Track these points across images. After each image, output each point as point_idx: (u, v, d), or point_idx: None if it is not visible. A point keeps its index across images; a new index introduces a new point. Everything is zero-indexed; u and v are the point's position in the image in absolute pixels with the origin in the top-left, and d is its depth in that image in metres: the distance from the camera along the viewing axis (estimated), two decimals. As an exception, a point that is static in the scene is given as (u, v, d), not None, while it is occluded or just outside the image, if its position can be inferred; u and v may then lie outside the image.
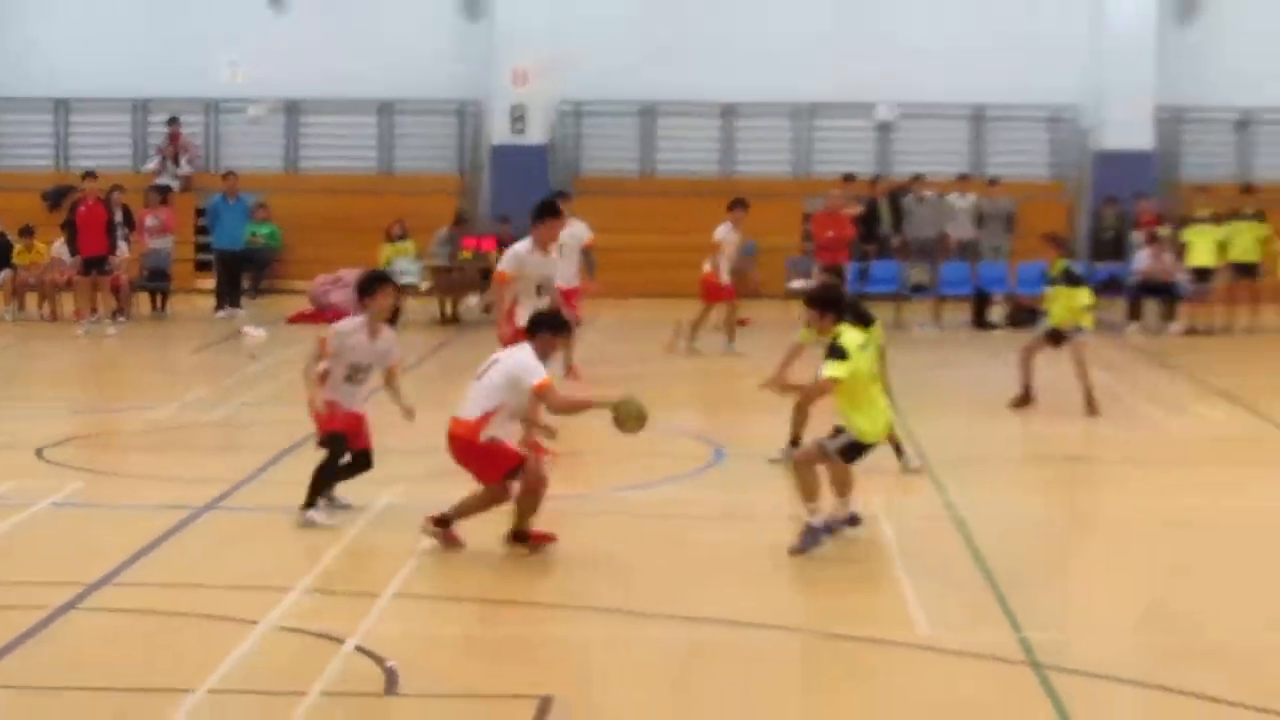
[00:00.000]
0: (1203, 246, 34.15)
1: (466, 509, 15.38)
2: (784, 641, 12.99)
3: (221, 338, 31.72)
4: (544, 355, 15.39)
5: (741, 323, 32.95)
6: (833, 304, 16.17)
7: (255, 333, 31.19)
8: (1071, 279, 23.85)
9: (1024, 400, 23.50)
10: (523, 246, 20.46)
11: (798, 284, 35.03)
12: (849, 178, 37.46)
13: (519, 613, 13.70)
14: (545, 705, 11.24)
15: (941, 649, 12.67)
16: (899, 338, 32.69)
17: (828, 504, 15.53)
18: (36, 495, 17.51)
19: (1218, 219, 34.41)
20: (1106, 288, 35.16)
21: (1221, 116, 42.35)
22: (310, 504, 16.29)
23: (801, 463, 15.82)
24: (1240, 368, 29.64)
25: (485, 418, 15.13)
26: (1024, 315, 35.01)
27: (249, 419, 23.02)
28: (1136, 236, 35.76)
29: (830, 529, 15.49)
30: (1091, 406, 23.13)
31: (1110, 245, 36.64)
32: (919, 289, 35.48)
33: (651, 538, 16.38)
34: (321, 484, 16.38)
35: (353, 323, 16.66)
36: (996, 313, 35.07)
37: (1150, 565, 15.73)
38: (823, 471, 15.63)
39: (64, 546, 15.80)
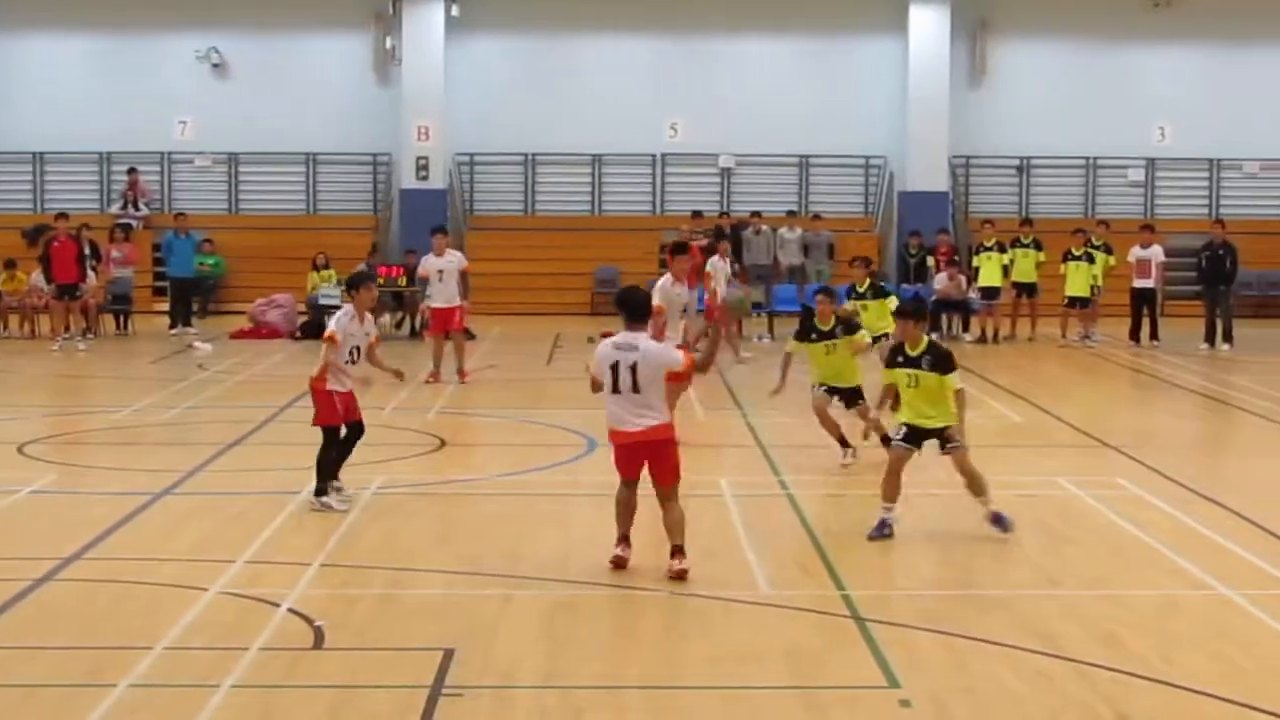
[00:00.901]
0: (990, 270, 34.29)
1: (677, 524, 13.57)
2: (645, 600, 12.90)
3: (174, 351, 31.39)
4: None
5: (606, 335, 32.92)
6: (923, 315, 16.13)
7: (203, 347, 30.99)
8: (879, 291, 23.79)
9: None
10: (665, 280, 20.49)
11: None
12: (697, 214, 37.39)
13: (426, 578, 13.57)
14: (448, 656, 11.20)
15: (778, 605, 12.64)
16: (744, 347, 32.78)
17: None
18: (17, 484, 17.30)
19: (1001, 247, 34.56)
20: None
21: (1003, 163, 42.64)
22: (322, 491, 16.14)
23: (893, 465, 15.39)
24: (1021, 369, 29.80)
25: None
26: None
27: (197, 419, 22.75)
28: (934, 262, 35.89)
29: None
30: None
31: (914, 269, 36.77)
32: (757, 307, 35.47)
33: (535, 514, 16.26)
34: (326, 472, 16.23)
35: (346, 312, 16.61)
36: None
37: (950, 532, 15.75)
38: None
39: (42, 527, 15.60)
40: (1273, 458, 20.07)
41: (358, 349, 16.62)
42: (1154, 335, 33.16)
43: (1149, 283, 32.68)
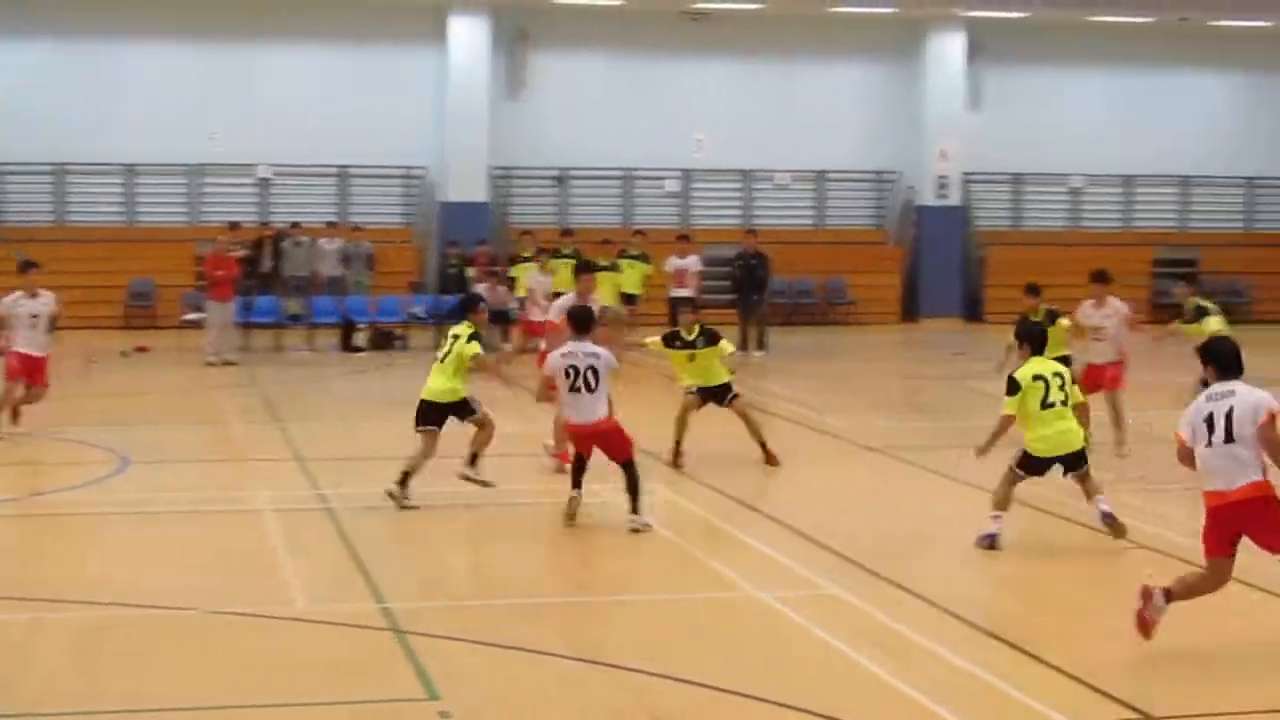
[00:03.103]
0: (526, 279, 34.55)
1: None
2: (180, 620, 12.65)
3: None
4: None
5: (141, 349, 32.47)
6: (1033, 338, 16.09)
7: None
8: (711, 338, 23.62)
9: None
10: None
11: (192, 316, 34.43)
12: (234, 225, 36.87)
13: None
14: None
15: (317, 620, 12.53)
16: (279, 360, 32.50)
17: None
18: None
19: (540, 257, 34.87)
20: (451, 316, 35.38)
21: (543, 173, 43.07)
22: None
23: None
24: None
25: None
26: (384, 339, 35.08)
27: None
28: (474, 272, 36.01)
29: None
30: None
31: (454, 280, 36.80)
32: (295, 318, 35.15)
33: (66, 535, 15.82)
34: None
35: None
36: (361, 338, 34.98)
37: (490, 542, 15.85)
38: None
39: None
40: (807, 463, 20.62)
41: None
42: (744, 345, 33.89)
43: (687, 291, 33.34)
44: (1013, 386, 15.60)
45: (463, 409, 17.73)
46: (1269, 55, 45.82)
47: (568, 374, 16.09)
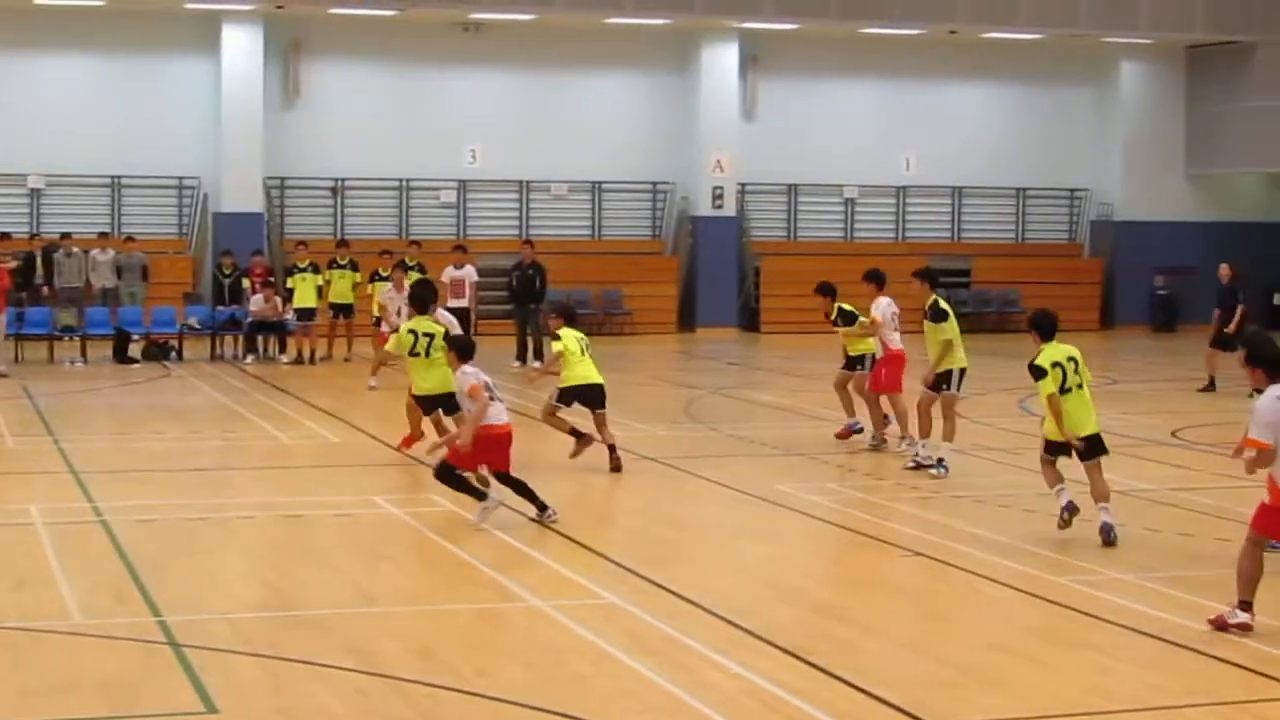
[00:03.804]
0: (305, 290, 34.36)
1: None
2: (-47, 636, 12.45)
3: None
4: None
5: None
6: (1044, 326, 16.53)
7: None
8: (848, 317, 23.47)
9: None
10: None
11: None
12: (5, 236, 36.27)
13: None
14: None
15: (92, 634, 12.38)
16: (52, 372, 32.00)
17: None
18: None
19: (316, 268, 34.68)
20: (227, 326, 35.13)
21: (318, 184, 42.82)
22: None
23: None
24: (338, 390, 29.92)
25: None
26: (159, 351, 34.65)
27: None
28: (250, 283, 35.70)
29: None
30: None
31: (229, 290, 36.44)
32: (68, 330, 34.62)
33: None
34: None
35: None
36: (136, 349, 34.54)
37: (264, 552, 15.76)
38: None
39: None
40: (586, 473, 20.69)
41: None
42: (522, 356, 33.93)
43: (463, 302, 33.26)
44: (1039, 372, 16.08)
45: (452, 401, 18.21)
46: (1037, 66, 46.84)
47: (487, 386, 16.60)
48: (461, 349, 16.98)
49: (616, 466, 20.41)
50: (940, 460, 20.26)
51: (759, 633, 12.61)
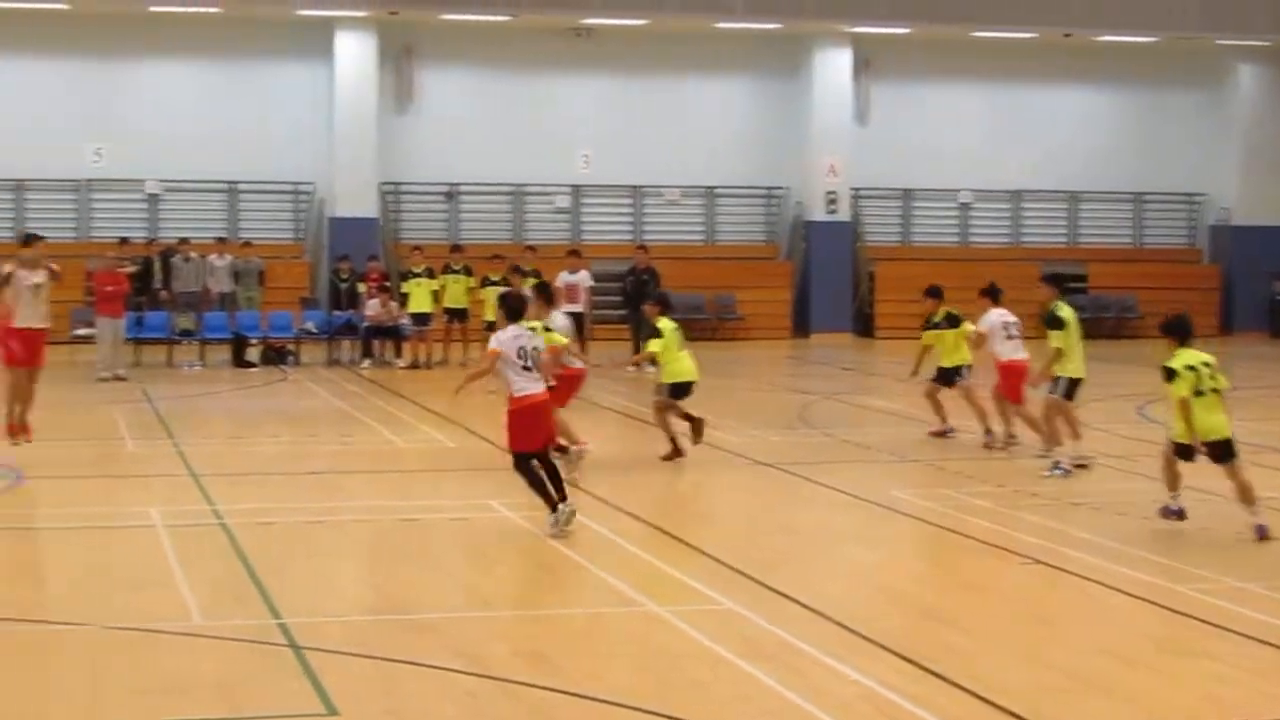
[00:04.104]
0: (420, 295, 34.60)
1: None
2: (68, 636, 12.59)
3: None
4: None
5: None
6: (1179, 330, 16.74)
7: None
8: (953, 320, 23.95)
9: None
10: None
11: (82, 331, 34.13)
12: (124, 240, 36.73)
13: None
14: None
15: (211, 635, 12.50)
16: (169, 375, 32.34)
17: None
18: None
19: (431, 273, 34.89)
20: (343, 331, 35.39)
21: (432, 189, 43.07)
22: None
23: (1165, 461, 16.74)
24: (452, 394, 29.99)
25: None
26: (276, 355, 34.98)
27: None
28: (366, 288, 35.95)
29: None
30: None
31: (346, 296, 36.72)
32: (186, 334, 35.00)
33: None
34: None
35: None
36: (253, 353, 34.88)
37: (379, 555, 15.87)
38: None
39: None
40: (700, 477, 20.75)
41: None
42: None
43: (577, 307, 33.36)
44: (1170, 374, 16.16)
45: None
46: (1151, 69, 46.45)
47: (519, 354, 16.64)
48: (508, 309, 16.98)
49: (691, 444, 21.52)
50: (1057, 464, 20.28)
51: (874, 638, 12.57)
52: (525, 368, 16.52)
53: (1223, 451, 16.21)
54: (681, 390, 21.40)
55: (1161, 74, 46.66)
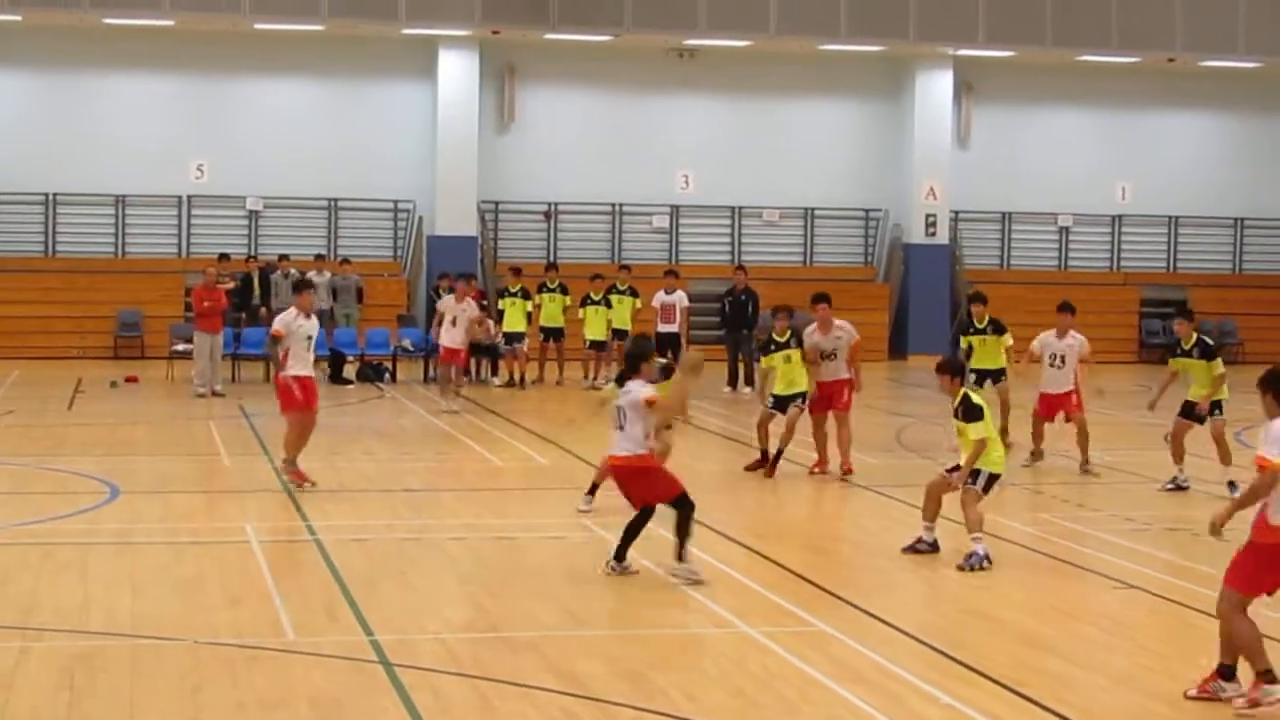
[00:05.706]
0: (515, 314, 34.62)
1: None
2: (168, 650, 12.66)
3: None
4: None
5: (131, 380, 32.58)
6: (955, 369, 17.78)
7: None
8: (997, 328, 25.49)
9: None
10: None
11: (181, 347, 34.37)
12: (224, 257, 37.02)
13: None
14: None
15: (305, 652, 12.55)
16: (265, 392, 32.19)
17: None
18: None
19: (526, 292, 34.94)
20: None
21: (531, 208, 43.18)
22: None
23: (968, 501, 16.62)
24: (548, 413, 30.15)
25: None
26: (373, 372, 35.12)
27: None
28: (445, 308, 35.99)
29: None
30: None
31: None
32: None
33: (53, 564, 15.81)
34: None
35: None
36: (350, 370, 35.04)
37: (473, 573, 15.88)
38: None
39: None
40: (795, 499, 20.70)
41: None
42: (733, 381, 34.06)
43: (673, 327, 33.38)
44: None
45: None
46: (1256, 95, 46.04)
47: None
48: (628, 363, 16.17)
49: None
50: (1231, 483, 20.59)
51: (969, 663, 12.49)
52: (620, 426, 15.80)
53: None
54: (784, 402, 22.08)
55: (1264, 99, 46.22)
